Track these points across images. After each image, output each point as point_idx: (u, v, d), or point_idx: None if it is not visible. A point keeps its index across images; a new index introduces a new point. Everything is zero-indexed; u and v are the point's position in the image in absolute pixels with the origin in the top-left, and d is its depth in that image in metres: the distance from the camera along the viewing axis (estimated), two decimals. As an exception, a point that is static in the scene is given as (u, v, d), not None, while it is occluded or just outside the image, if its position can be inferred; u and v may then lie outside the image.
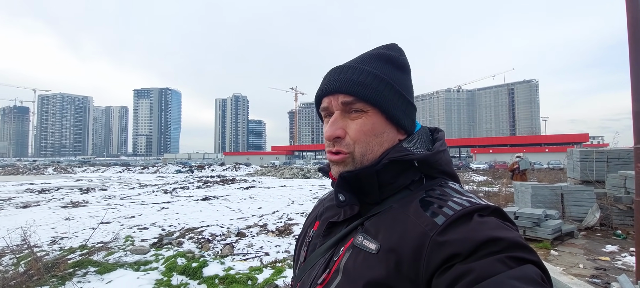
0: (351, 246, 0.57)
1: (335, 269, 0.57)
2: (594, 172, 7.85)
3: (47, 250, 5.49)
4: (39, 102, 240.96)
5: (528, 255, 0.44)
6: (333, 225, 0.66)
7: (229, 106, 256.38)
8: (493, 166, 40.13)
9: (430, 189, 0.58)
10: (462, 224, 0.48)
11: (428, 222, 0.50)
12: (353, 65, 0.63)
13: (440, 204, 0.52)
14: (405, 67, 0.66)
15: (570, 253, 4.96)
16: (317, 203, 0.81)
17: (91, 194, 15.03)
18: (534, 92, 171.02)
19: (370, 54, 0.65)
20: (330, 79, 0.63)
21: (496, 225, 0.48)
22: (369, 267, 0.52)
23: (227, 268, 4.59)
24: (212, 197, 13.18)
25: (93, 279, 4.31)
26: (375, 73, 0.61)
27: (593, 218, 6.27)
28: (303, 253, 0.71)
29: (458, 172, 25.53)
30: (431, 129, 0.70)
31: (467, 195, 0.55)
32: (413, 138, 0.64)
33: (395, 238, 0.52)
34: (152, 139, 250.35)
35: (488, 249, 0.44)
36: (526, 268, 0.42)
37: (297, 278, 0.69)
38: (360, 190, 0.60)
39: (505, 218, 0.51)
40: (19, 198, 13.58)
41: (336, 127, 0.61)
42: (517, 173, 11.53)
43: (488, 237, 0.45)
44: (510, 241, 0.45)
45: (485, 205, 0.51)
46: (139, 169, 43.14)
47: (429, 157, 0.60)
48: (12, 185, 20.88)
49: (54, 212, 9.75)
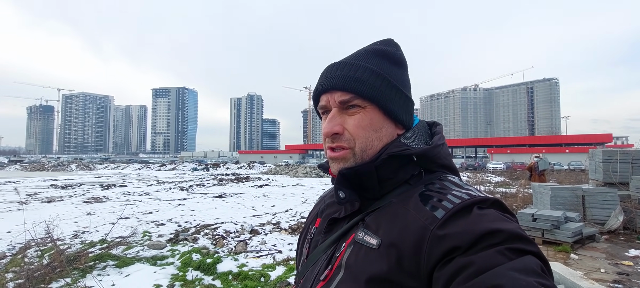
0: (353, 242, 0.58)
1: (337, 265, 0.57)
2: (618, 174, 7.54)
3: (69, 244, 5.71)
4: (63, 101, 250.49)
5: (528, 246, 0.44)
6: (334, 222, 0.66)
7: (243, 105, 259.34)
8: (511, 167, 39.11)
9: (430, 183, 0.58)
10: (462, 217, 0.48)
11: (428, 215, 0.50)
12: (350, 61, 0.63)
13: (440, 198, 0.53)
14: (402, 62, 0.66)
15: (592, 257, 4.79)
16: (318, 200, 0.82)
17: (111, 190, 15.53)
18: (554, 91, 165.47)
19: (366, 49, 0.65)
20: (327, 75, 0.63)
21: (496, 217, 0.48)
22: (370, 262, 0.52)
23: (241, 265, 4.65)
24: (227, 195, 13.38)
25: (112, 272, 4.46)
26: (372, 68, 0.61)
27: (616, 221, 6.03)
28: (305, 250, 0.72)
29: (474, 173, 24.97)
30: (429, 123, 0.71)
31: (467, 188, 0.55)
32: (411, 132, 0.65)
33: (395, 232, 0.52)
34: (169, 137, 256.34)
35: (488, 241, 0.44)
36: (526, 260, 0.42)
37: (300, 275, 0.70)
38: (360, 186, 0.61)
39: (505, 210, 0.51)
40: (44, 193, 14.18)
41: (334, 123, 0.61)
42: (535, 173, 11.19)
43: (488, 229, 0.45)
44: (510, 232, 0.45)
45: (484, 198, 0.51)
46: (157, 166, 44.24)
47: (427, 151, 0.60)
48: (38, 180, 21.82)
49: (76, 207, 10.13)
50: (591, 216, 6.44)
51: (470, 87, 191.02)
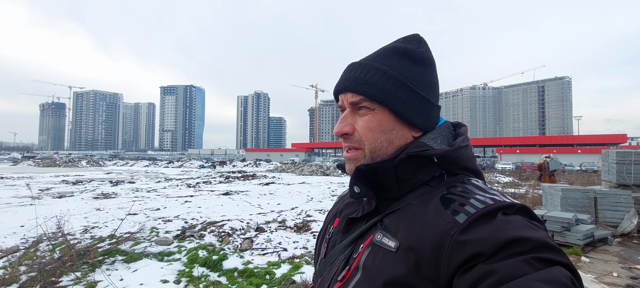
0: (371, 243, 0.57)
1: (354, 266, 0.57)
2: (632, 175, 7.36)
3: (80, 238, 5.81)
4: (74, 99, 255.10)
5: (557, 256, 0.42)
6: (352, 222, 0.66)
7: (250, 103, 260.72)
8: (520, 167, 38.58)
9: (452, 186, 0.56)
10: (485, 223, 0.46)
11: (449, 220, 0.48)
12: (365, 62, 0.62)
13: (462, 202, 0.50)
14: (424, 60, 0.63)
15: (603, 261, 4.68)
16: (337, 199, 0.82)
17: (120, 186, 15.76)
18: (566, 90, 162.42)
19: (386, 48, 0.64)
20: (343, 76, 0.64)
21: (522, 224, 0.45)
22: (388, 265, 0.51)
23: (246, 262, 4.67)
24: (233, 192, 13.47)
25: (120, 267, 4.52)
26: (384, 70, 0.60)
27: (630, 224, 5.89)
28: (323, 249, 0.72)
29: (482, 172, 24.77)
30: (454, 124, 0.69)
31: (491, 193, 0.53)
32: (434, 133, 0.63)
33: (414, 236, 0.51)
34: (177, 135, 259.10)
35: (513, 249, 0.42)
36: (554, 271, 0.40)
37: (317, 274, 0.70)
38: (377, 184, 0.60)
39: (531, 217, 0.48)
40: (55, 188, 14.47)
41: (345, 123, 0.62)
42: (545, 174, 11.02)
43: (513, 236, 0.43)
44: (537, 241, 0.42)
45: (510, 203, 0.49)
46: (164, 164, 44.75)
47: (449, 153, 0.58)
48: (50, 176, 22.28)
49: (86, 203, 10.32)
50: (603, 218, 6.31)
51: (479, 85, 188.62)
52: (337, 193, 13.47)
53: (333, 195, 12.84)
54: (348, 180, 0.65)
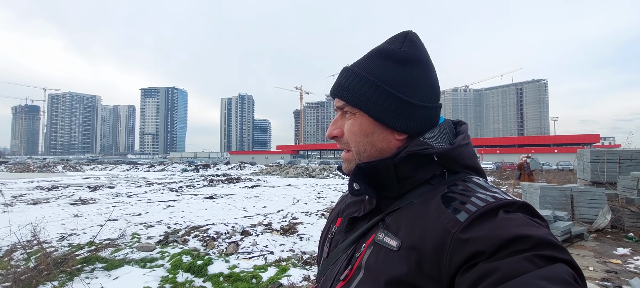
0: (373, 243, 0.57)
1: (357, 266, 0.57)
2: (605, 173, 7.71)
3: (56, 246, 5.57)
4: (49, 101, 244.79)
5: (559, 253, 0.42)
6: (354, 221, 0.66)
7: (234, 105, 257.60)
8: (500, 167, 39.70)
9: (453, 184, 0.56)
10: (486, 221, 0.46)
11: (450, 218, 0.48)
12: (350, 67, 0.64)
13: (463, 200, 0.51)
14: (407, 60, 0.60)
15: (580, 256, 4.87)
16: (340, 199, 0.82)
17: (99, 192, 15.22)
18: (543, 92, 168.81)
19: (371, 52, 0.64)
20: (335, 81, 0.67)
21: (523, 221, 0.46)
22: (390, 265, 0.51)
23: (232, 267, 4.59)
24: (218, 196, 13.24)
25: (100, 275, 4.35)
26: (362, 75, 0.61)
27: (604, 220, 6.15)
28: (326, 249, 0.72)
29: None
30: (455, 122, 0.68)
31: (492, 190, 0.53)
32: (434, 131, 0.63)
33: (416, 235, 0.51)
34: (158, 138, 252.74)
35: (514, 247, 0.42)
36: (557, 268, 0.40)
37: (320, 274, 0.70)
38: (377, 182, 0.60)
39: (533, 215, 0.48)
40: (29, 195, 13.82)
41: (335, 127, 0.66)
42: (525, 173, 11.39)
43: (514, 234, 0.43)
44: (539, 239, 0.42)
45: (511, 201, 0.49)
46: (145, 168, 43.60)
47: (449, 151, 0.58)
48: (23, 182, 21.26)
49: (63, 209, 9.89)
50: (580, 215, 6.56)
51: (460, 88, 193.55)
52: (323, 195, 13.47)
53: (319, 197, 12.84)
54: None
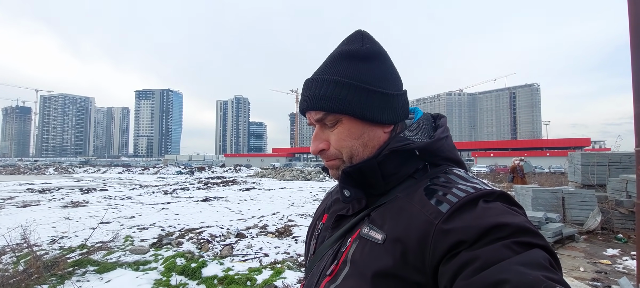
0: (358, 237, 0.57)
1: (343, 260, 0.57)
2: (596, 176, 7.83)
3: (47, 249, 5.48)
4: (41, 103, 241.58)
5: (535, 239, 0.44)
6: (341, 218, 0.66)
7: (230, 108, 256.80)
8: (494, 170, 40.02)
9: (435, 177, 0.57)
10: (467, 211, 0.48)
11: (432, 210, 0.50)
12: (316, 77, 0.62)
13: (445, 192, 0.52)
14: (372, 56, 0.61)
15: (571, 257, 4.93)
16: (325, 196, 0.82)
17: (91, 194, 15.04)
18: (535, 96, 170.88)
19: (332, 55, 0.63)
20: (303, 96, 0.64)
21: (502, 210, 0.47)
22: (375, 257, 0.52)
23: (227, 269, 4.57)
24: (212, 198, 13.16)
25: (92, 278, 4.30)
26: (336, 80, 0.59)
27: (594, 221, 6.24)
28: (312, 246, 0.72)
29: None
30: (434, 116, 0.70)
31: (472, 181, 0.55)
32: (414, 126, 0.64)
33: (400, 227, 0.52)
34: (153, 140, 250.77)
35: (494, 235, 0.44)
36: (533, 253, 0.41)
37: (307, 270, 0.70)
38: (365, 183, 0.61)
39: (511, 203, 0.50)
40: (19, 197, 13.60)
41: (319, 141, 0.63)
42: (518, 176, 11.52)
43: (493, 223, 0.45)
44: (517, 226, 0.44)
45: (490, 191, 0.51)
46: (139, 170, 43.14)
47: (429, 145, 0.59)
48: (13, 184, 20.91)
49: (54, 212, 9.75)
50: (571, 217, 6.65)
51: (455, 91, 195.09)
52: (318, 198, 13.46)
53: (315, 200, 12.82)
54: (329, 185, 0.66)
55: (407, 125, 0.65)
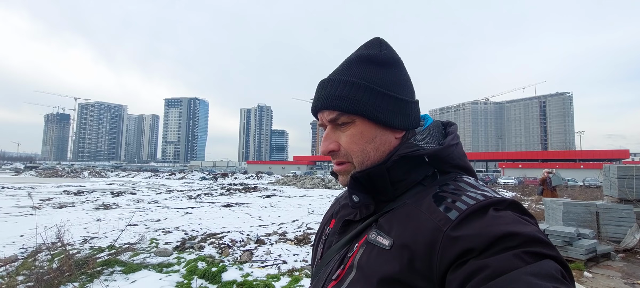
0: (365, 242, 0.57)
1: (349, 265, 0.57)
2: (634, 190, 7.31)
3: (79, 249, 5.79)
4: (79, 110, 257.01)
5: (547, 250, 0.42)
6: (349, 223, 0.67)
7: (253, 116, 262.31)
8: (523, 182, 38.31)
9: (444, 184, 0.57)
10: (477, 219, 0.47)
11: (441, 217, 0.49)
12: (333, 77, 0.63)
13: (454, 199, 0.51)
14: (389, 62, 0.63)
15: (606, 276, 4.62)
16: (333, 201, 0.82)
17: (121, 197, 15.75)
18: (567, 105, 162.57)
19: (350, 59, 0.64)
20: (316, 95, 0.64)
21: (513, 219, 0.46)
22: (382, 263, 0.52)
23: (245, 274, 4.64)
24: (234, 204, 13.42)
25: (119, 278, 4.49)
26: (353, 82, 0.60)
27: (633, 239, 5.82)
28: (320, 251, 0.72)
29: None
30: (444, 123, 0.69)
31: (482, 189, 0.54)
32: (424, 133, 0.64)
33: (408, 234, 0.51)
34: (180, 147, 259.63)
35: (504, 244, 0.43)
36: (544, 264, 0.40)
37: (314, 275, 0.70)
38: (373, 188, 0.61)
39: (522, 212, 0.49)
40: (56, 199, 14.48)
41: (329, 141, 0.63)
42: (548, 189, 10.96)
43: (504, 231, 0.44)
44: (528, 236, 0.43)
45: (501, 199, 0.50)
46: (166, 175, 44.77)
47: (439, 152, 0.59)
48: (52, 186, 22.33)
49: (87, 213, 10.30)
50: (606, 233, 6.24)
51: (480, 100, 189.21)
52: (338, 206, 13.40)
53: (334, 208, 12.76)
54: (346, 189, 0.67)
55: (417, 133, 0.65)
